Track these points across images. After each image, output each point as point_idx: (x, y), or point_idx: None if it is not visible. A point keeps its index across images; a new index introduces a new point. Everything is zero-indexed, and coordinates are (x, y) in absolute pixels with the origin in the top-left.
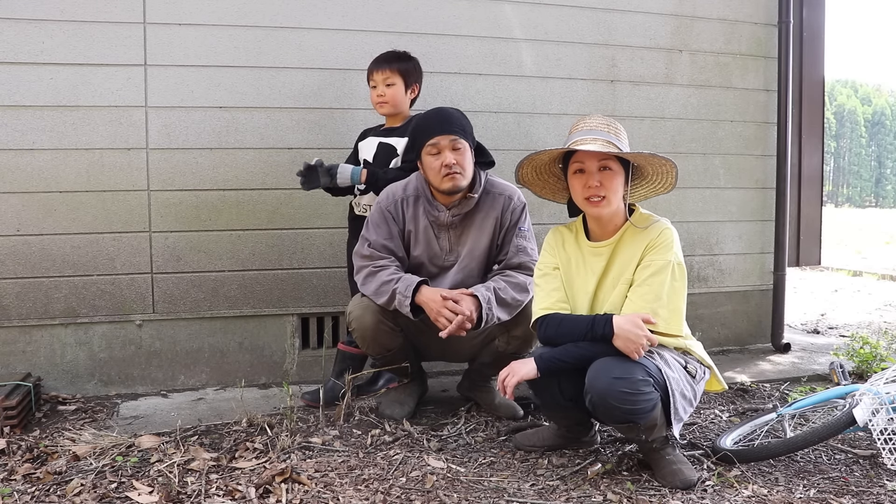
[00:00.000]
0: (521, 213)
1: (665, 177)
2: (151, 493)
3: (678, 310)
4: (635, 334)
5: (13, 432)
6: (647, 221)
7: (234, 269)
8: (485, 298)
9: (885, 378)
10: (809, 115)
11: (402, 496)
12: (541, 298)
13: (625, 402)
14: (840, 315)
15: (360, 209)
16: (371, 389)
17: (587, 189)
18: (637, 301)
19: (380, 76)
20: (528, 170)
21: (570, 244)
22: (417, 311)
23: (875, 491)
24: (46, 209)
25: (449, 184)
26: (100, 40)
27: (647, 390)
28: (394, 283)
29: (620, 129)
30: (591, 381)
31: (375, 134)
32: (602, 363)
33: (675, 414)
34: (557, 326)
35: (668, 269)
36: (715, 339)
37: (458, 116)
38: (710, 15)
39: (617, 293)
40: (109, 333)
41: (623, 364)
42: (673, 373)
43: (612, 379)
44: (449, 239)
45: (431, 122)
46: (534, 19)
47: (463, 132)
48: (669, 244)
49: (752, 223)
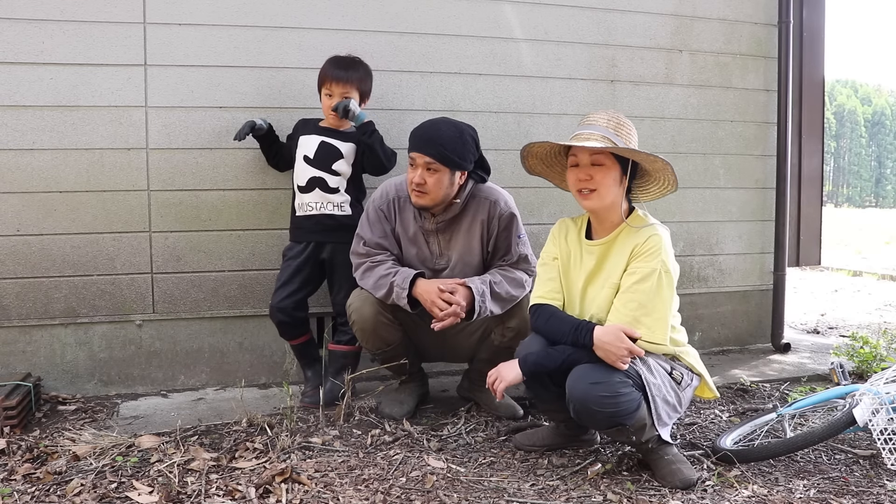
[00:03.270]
0: (512, 220)
1: (665, 175)
2: (151, 493)
3: (663, 318)
4: (616, 346)
5: (13, 432)
6: (641, 223)
7: (234, 269)
8: (479, 291)
9: (885, 378)
10: (809, 115)
11: (402, 496)
12: (538, 286)
13: (605, 405)
14: (840, 315)
15: (304, 210)
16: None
17: (578, 182)
18: (621, 309)
19: (339, 89)
20: (535, 161)
21: (571, 237)
22: (415, 304)
23: (875, 491)
24: (46, 209)
25: (413, 198)
26: (100, 40)
27: (625, 391)
28: (391, 276)
29: (624, 125)
30: (570, 389)
31: (318, 131)
32: (579, 371)
33: (657, 419)
34: (546, 321)
35: (654, 277)
36: (715, 339)
37: (447, 138)
38: (710, 15)
39: (603, 296)
40: (109, 333)
41: (600, 370)
42: (655, 379)
43: (589, 384)
44: (438, 243)
45: (418, 134)
46: (534, 19)
47: (442, 157)
48: (657, 251)
49: (752, 223)
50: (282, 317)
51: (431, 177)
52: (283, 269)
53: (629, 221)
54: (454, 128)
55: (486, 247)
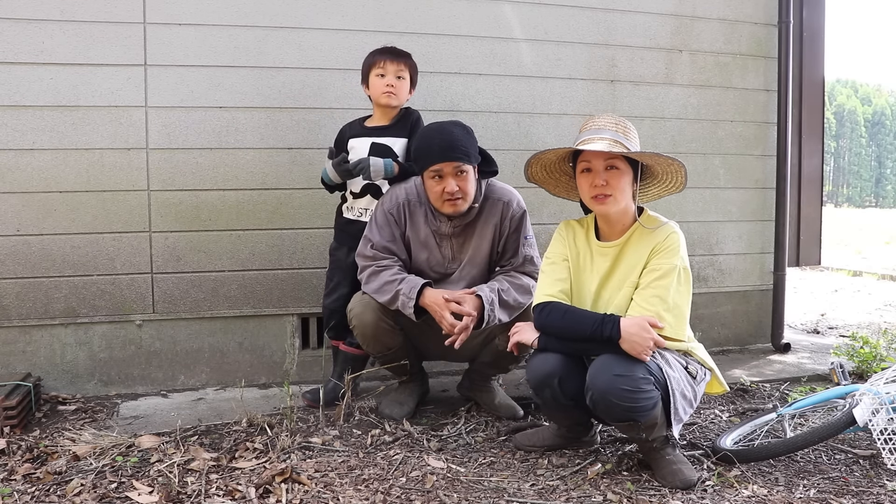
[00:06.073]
0: (522, 220)
1: (675, 176)
2: (151, 493)
3: (683, 315)
4: (642, 337)
5: (13, 432)
6: (656, 223)
7: (234, 269)
8: (488, 300)
9: (885, 378)
10: (809, 115)
11: (402, 496)
12: (545, 285)
13: (625, 399)
14: (840, 315)
15: (355, 213)
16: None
17: (593, 188)
18: (643, 304)
19: (393, 66)
20: (538, 168)
21: (580, 240)
22: (420, 312)
23: (875, 491)
24: (46, 209)
25: (450, 209)
26: (100, 40)
27: (647, 388)
28: (397, 284)
29: (630, 128)
30: (592, 378)
31: (366, 133)
32: (603, 360)
33: (674, 414)
34: (562, 316)
35: (675, 273)
36: (715, 339)
37: (461, 138)
38: (710, 15)
39: (622, 296)
40: (109, 333)
41: (624, 362)
42: (674, 373)
43: (613, 376)
44: (451, 247)
45: (434, 146)
46: (534, 19)
47: (467, 156)
48: (676, 248)
49: (752, 223)
50: (338, 318)
51: (463, 180)
52: (333, 269)
53: (643, 222)
54: (456, 126)
55: (496, 247)
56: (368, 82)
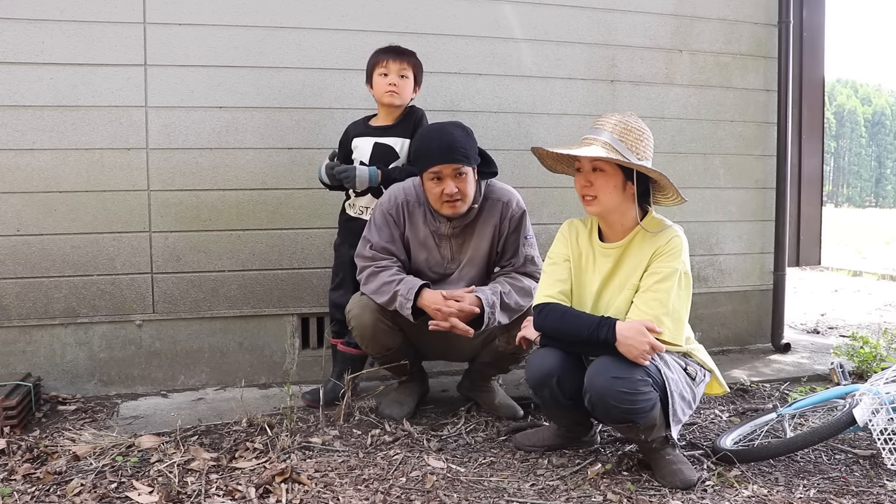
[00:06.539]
0: (522, 220)
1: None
2: (151, 493)
3: (682, 319)
4: (638, 341)
5: (13, 432)
6: (659, 226)
7: (234, 269)
8: (489, 302)
9: (885, 378)
10: (809, 115)
11: (402, 496)
12: (546, 286)
13: (623, 401)
14: (840, 315)
15: (356, 210)
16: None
17: (581, 188)
18: (642, 307)
19: (396, 65)
20: (553, 163)
21: (583, 239)
22: (418, 313)
23: (875, 491)
24: (46, 209)
25: (449, 211)
26: (100, 40)
27: (645, 390)
28: (395, 285)
29: (632, 130)
30: (590, 380)
31: (369, 133)
32: (601, 362)
33: (673, 415)
34: (560, 318)
35: (675, 277)
36: (715, 339)
37: (461, 139)
38: (710, 15)
39: (623, 298)
40: (109, 333)
41: (622, 364)
42: (672, 374)
43: (611, 378)
44: (451, 248)
45: (433, 147)
46: (534, 19)
47: (466, 157)
48: (678, 252)
49: (752, 223)
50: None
51: (463, 182)
52: (338, 265)
53: (645, 225)
54: (456, 127)
55: (495, 247)
56: (372, 82)
